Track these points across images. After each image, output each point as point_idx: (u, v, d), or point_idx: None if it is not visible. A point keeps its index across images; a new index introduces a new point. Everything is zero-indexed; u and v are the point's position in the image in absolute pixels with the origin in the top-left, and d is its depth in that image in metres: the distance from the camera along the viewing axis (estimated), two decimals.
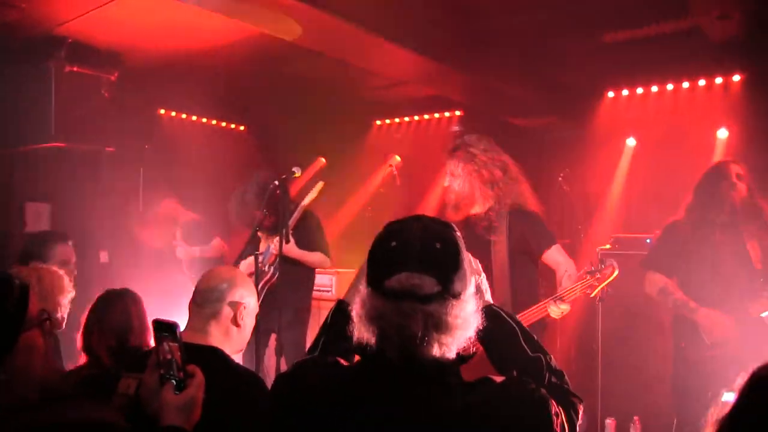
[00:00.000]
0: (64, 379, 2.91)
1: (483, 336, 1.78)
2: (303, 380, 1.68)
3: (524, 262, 3.78)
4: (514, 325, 1.78)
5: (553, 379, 1.73)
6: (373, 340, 1.54)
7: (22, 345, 1.65)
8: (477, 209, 3.85)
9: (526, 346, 1.75)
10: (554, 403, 1.54)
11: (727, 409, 1.26)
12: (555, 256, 3.78)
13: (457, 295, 1.51)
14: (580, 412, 1.68)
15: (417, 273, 1.50)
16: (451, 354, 1.53)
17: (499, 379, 1.56)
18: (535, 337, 1.81)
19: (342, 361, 1.67)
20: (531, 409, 1.50)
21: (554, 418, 1.51)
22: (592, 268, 3.51)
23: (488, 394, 1.52)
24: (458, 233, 1.62)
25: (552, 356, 1.79)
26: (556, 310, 3.45)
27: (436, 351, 1.50)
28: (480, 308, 1.76)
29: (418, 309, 1.48)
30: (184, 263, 6.20)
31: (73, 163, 6.61)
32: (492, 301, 1.89)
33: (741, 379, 1.29)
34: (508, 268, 3.62)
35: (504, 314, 1.80)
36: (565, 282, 3.64)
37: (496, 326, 1.77)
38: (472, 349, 1.72)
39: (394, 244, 1.56)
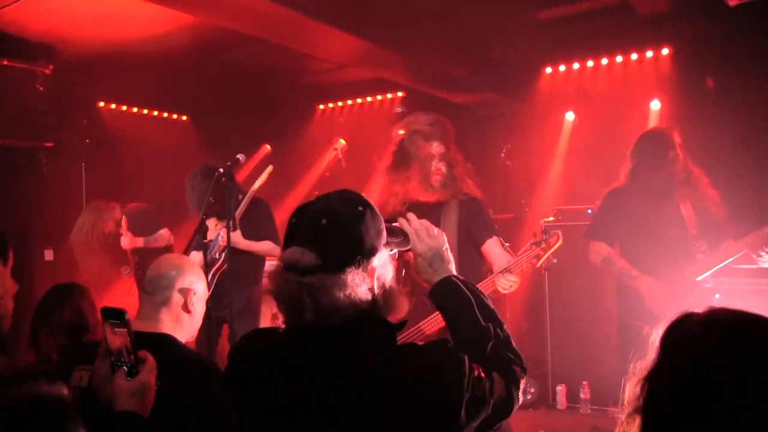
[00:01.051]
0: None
1: (439, 305, 1.91)
2: (246, 345, 1.82)
3: (470, 249, 3.77)
4: (470, 295, 1.85)
5: (496, 349, 1.79)
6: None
7: None
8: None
9: (479, 316, 1.82)
10: (478, 368, 1.63)
11: (645, 366, 1.31)
12: (493, 247, 3.73)
13: (337, 269, 1.62)
14: (521, 381, 1.75)
15: (302, 247, 1.63)
16: (337, 322, 1.62)
17: (421, 344, 1.66)
18: (493, 309, 1.88)
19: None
20: (441, 373, 1.58)
21: (474, 382, 1.60)
22: (537, 240, 3.55)
23: (398, 358, 1.61)
24: (365, 210, 1.70)
25: (505, 326, 1.86)
26: (505, 282, 3.44)
27: (316, 319, 1.62)
28: (441, 279, 1.90)
29: (296, 280, 1.62)
30: (128, 254, 6.10)
31: (10, 160, 6.43)
32: (454, 272, 1.94)
33: (655, 334, 1.33)
34: (456, 255, 3.60)
35: (461, 284, 1.88)
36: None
37: (452, 296, 1.88)
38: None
39: (294, 220, 1.71)
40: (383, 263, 1.71)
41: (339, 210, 1.67)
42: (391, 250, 1.83)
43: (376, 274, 1.67)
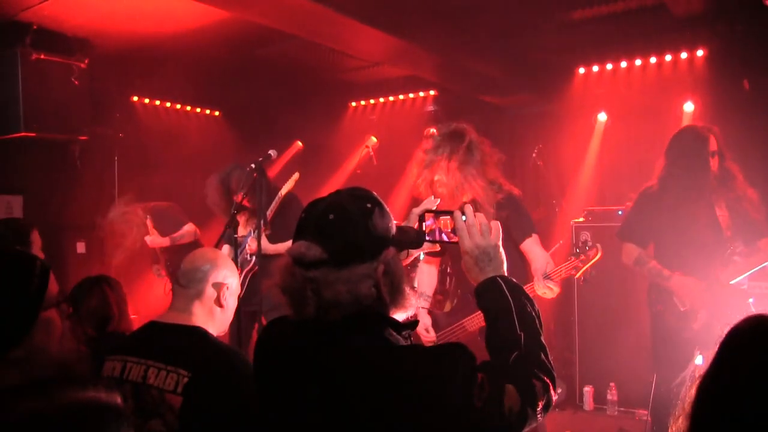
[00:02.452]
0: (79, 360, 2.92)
1: (480, 305, 1.86)
2: (265, 337, 1.86)
3: (510, 248, 3.72)
4: (510, 300, 1.79)
5: (520, 360, 1.72)
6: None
7: (41, 324, 1.69)
8: (466, 197, 3.72)
9: (516, 323, 1.76)
10: (483, 377, 1.58)
11: (705, 366, 1.29)
12: (533, 246, 3.71)
13: (342, 264, 1.63)
14: (540, 399, 1.67)
15: (308, 241, 1.64)
16: (338, 316, 1.63)
17: (428, 345, 1.65)
18: (534, 317, 1.81)
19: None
20: (439, 377, 1.55)
21: (476, 391, 1.55)
22: (577, 250, 3.53)
23: (397, 357, 1.59)
24: (374, 207, 1.71)
25: (542, 338, 1.80)
26: (544, 289, 3.46)
27: (318, 313, 1.63)
28: (485, 279, 1.85)
29: (301, 274, 1.64)
30: (158, 252, 6.14)
31: (45, 153, 6.52)
32: (503, 272, 1.89)
33: (720, 336, 1.32)
34: None
35: (505, 287, 1.82)
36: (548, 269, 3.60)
37: (492, 298, 1.83)
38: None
39: (303, 215, 1.73)
40: (392, 261, 1.70)
41: (347, 206, 1.68)
42: (401, 249, 1.81)
43: (383, 271, 1.66)
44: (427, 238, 2.00)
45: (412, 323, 1.74)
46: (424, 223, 2.01)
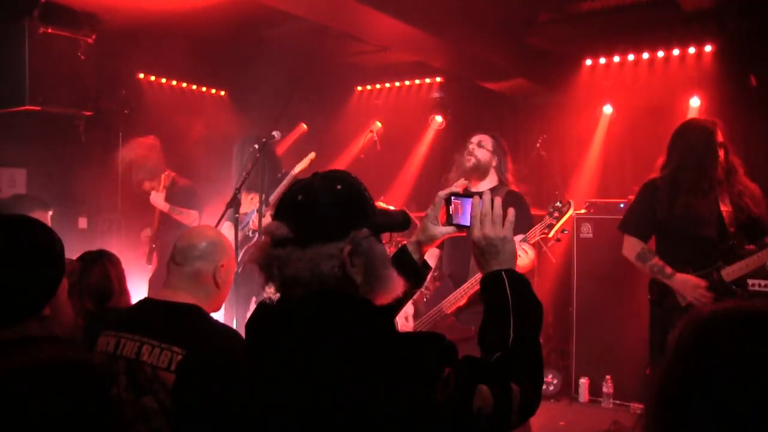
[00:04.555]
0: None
1: (481, 298, 1.84)
2: (253, 316, 1.84)
3: None
4: (509, 298, 1.75)
5: (502, 362, 1.66)
6: None
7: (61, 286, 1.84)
8: (481, 187, 3.88)
9: (511, 322, 1.71)
10: (451, 373, 1.51)
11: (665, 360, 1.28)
12: (523, 245, 3.70)
13: (305, 244, 1.63)
14: (516, 403, 1.58)
15: (279, 221, 1.68)
16: (299, 294, 1.64)
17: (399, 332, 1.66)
18: (534, 320, 1.76)
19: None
20: (396, 365, 1.52)
21: (440, 385, 1.49)
22: (551, 208, 3.52)
23: (356, 340, 1.57)
24: (344, 188, 1.71)
25: (537, 344, 1.74)
26: (520, 251, 3.45)
27: (282, 290, 1.68)
28: (489, 272, 1.82)
29: (269, 251, 1.67)
30: (155, 220, 6.07)
31: (50, 127, 6.51)
32: (511, 266, 1.82)
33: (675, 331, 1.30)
34: None
35: (508, 283, 1.78)
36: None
37: (492, 292, 1.80)
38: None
39: (281, 196, 1.78)
40: (363, 242, 1.67)
41: (316, 187, 1.69)
42: (380, 232, 1.77)
43: (349, 251, 1.63)
44: (454, 222, 2.01)
45: (388, 307, 1.73)
46: (450, 207, 2.01)
